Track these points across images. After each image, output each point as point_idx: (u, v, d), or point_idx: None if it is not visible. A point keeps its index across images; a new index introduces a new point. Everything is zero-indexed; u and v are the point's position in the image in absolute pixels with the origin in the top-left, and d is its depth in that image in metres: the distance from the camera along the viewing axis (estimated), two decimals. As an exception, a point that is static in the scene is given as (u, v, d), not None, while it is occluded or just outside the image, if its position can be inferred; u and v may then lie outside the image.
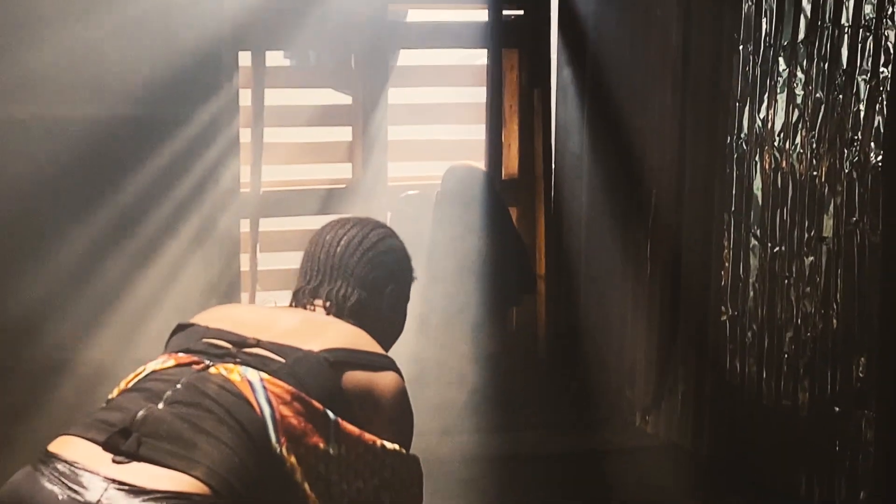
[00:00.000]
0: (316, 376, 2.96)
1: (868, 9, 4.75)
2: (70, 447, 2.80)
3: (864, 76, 4.79)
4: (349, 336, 3.11)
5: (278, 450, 2.83)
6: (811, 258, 5.08)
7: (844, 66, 4.87)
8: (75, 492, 2.69)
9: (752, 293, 5.39)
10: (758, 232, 5.35)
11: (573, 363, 6.44)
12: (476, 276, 5.82)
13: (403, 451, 3.04)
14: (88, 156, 5.61)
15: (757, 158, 5.33)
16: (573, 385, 6.38)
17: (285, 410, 2.87)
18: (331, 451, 2.90)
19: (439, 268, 5.93)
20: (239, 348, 2.98)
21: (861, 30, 4.79)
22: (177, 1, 5.70)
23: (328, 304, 3.22)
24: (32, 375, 5.57)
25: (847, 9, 4.85)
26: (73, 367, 5.61)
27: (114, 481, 2.69)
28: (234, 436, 2.78)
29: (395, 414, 3.07)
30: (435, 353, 5.97)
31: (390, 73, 6.42)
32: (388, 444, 3.00)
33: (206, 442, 2.76)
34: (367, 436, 2.97)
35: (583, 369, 6.39)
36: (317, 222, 6.42)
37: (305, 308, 3.22)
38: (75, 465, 2.74)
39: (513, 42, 6.49)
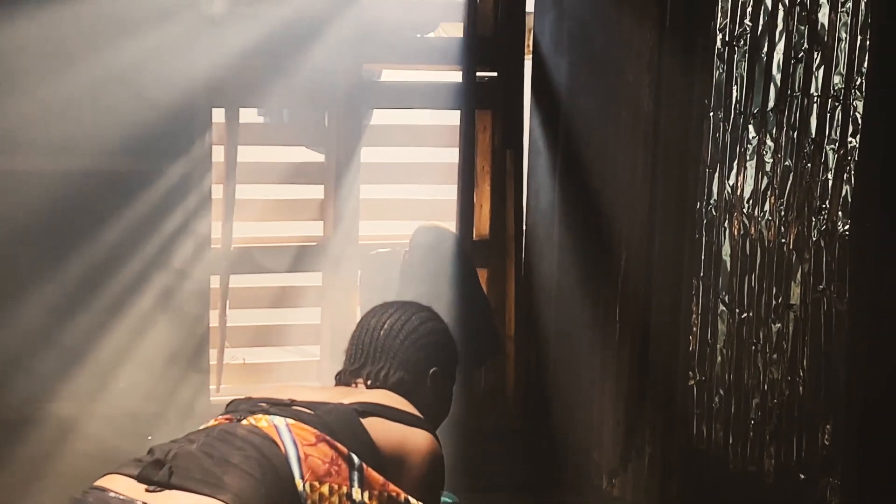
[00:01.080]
0: (344, 424, 3.06)
1: (837, 79, 4.78)
2: (106, 480, 2.91)
3: (832, 145, 4.81)
4: (384, 396, 3.23)
5: (302, 486, 2.91)
6: (778, 325, 5.09)
7: (813, 135, 4.90)
8: None
9: (719, 358, 5.40)
10: (726, 298, 5.36)
11: (541, 425, 6.42)
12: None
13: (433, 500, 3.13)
14: (59, 210, 5.61)
15: (726, 224, 5.34)
16: (541, 446, 6.36)
17: (310, 451, 2.96)
18: (354, 495, 2.98)
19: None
20: (271, 405, 3.11)
21: (830, 99, 4.82)
22: (152, 57, 5.71)
23: (369, 381, 3.33)
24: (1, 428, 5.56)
25: (816, 78, 4.88)
26: (40, 422, 5.60)
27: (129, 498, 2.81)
28: (259, 468, 2.87)
29: (425, 471, 3.16)
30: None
31: (363, 131, 6.44)
32: (413, 500, 3.07)
33: (234, 472, 2.85)
34: (392, 486, 3.04)
35: (551, 431, 6.37)
36: (288, 279, 6.54)
37: (348, 385, 3.36)
38: (109, 491, 2.84)
39: (486, 103, 6.51)
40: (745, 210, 5.24)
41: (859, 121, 4.71)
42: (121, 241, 5.76)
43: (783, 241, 5.06)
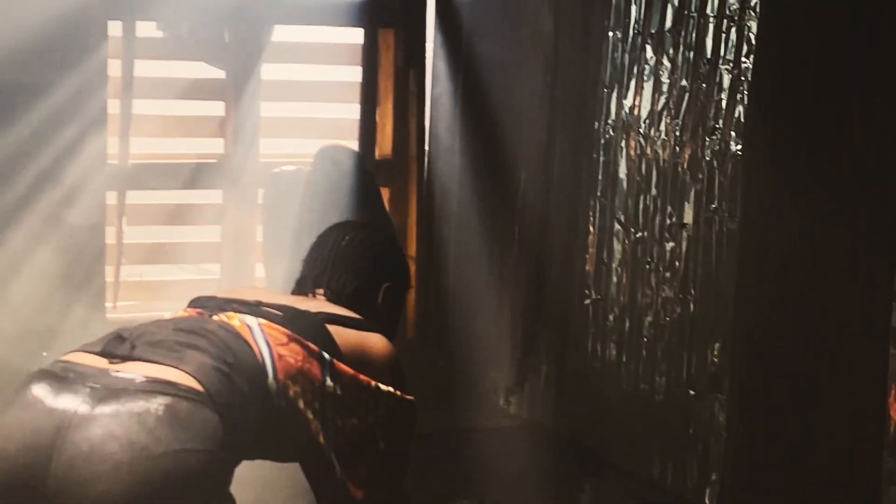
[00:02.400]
0: (310, 328, 3.14)
1: (734, 0, 4.82)
2: (70, 356, 2.92)
3: (727, 66, 4.86)
4: (342, 309, 3.32)
5: (275, 385, 2.97)
6: (672, 244, 5.15)
7: (709, 56, 4.94)
8: (66, 379, 2.78)
9: (614, 278, 5.45)
10: (622, 217, 5.40)
11: (440, 343, 6.46)
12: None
13: (398, 392, 3.20)
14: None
15: (623, 144, 5.38)
16: (440, 365, 6.40)
17: (282, 350, 3.03)
18: (327, 388, 3.06)
19: (306, 247, 5.90)
20: (241, 304, 3.16)
21: (725, 20, 4.86)
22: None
23: (328, 291, 3.43)
24: None
25: (712, -2, 4.93)
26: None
27: (104, 371, 2.81)
28: (224, 359, 2.91)
29: (385, 366, 3.26)
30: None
31: (264, 48, 6.38)
32: (383, 386, 3.18)
33: (198, 353, 2.89)
34: (363, 377, 3.14)
35: (450, 350, 6.41)
36: (186, 197, 6.49)
37: (307, 296, 3.43)
38: (71, 363, 2.85)
39: (389, 22, 6.48)
40: (641, 130, 5.28)
41: (753, 41, 4.75)
42: (13, 155, 5.70)
43: (678, 160, 5.10)
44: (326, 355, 3.10)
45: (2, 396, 5.69)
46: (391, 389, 3.21)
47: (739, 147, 4.82)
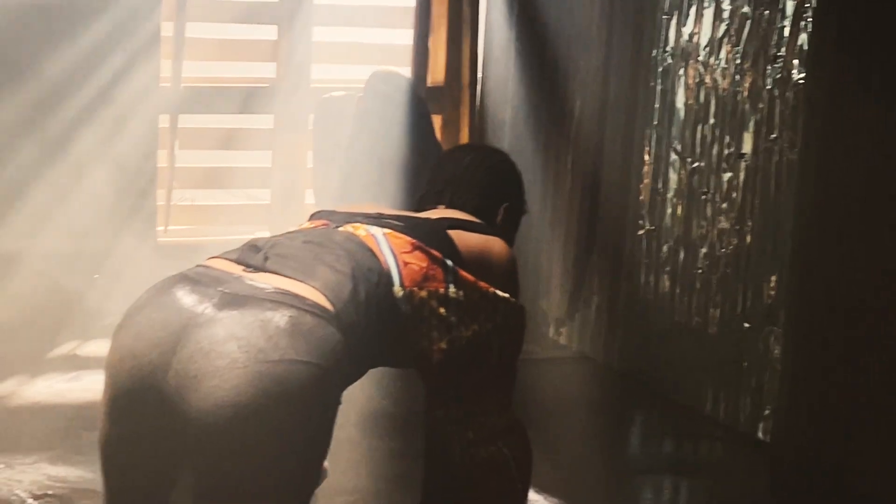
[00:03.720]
0: (433, 235, 3.19)
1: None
2: (209, 262, 3.01)
3: (791, -7, 4.81)
4: (462, 214, 3.37)
5: (402, 292, 3.04)
6: (729, 174, 5.11)
7: (772, -18, 4.89)
8: (200, 283, 2.87)
9: (669, 208, 5.43)
10: (678, 147, 5.38)
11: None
12: (394, 183, 5.81)
13: (513, 299, 3.22)
14: (4, 34, 5.55)
15: (681, 72, 5.34)
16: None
17: (407, 258, 3.08)
18: (450, 294, 3.11)
19: (357, 172, 5.92)
20: (364, 217, 3.22)
21: (790, -54, 4.81)
22: None
23: (443, 207, 3.46)
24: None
25: (777, -76, 4.86)
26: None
27: (238, 278, 2.90)
28: (351, 271, 2.98)
29: (504, 271, 3.27)
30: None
31: (318, -29, 6.39)
32: (500, 292, 3.18)
33: (327, 267, 2.96)
34: (482, 283, 3.17)
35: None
36: (238, 121, 6.48)
37: (431, 209, 3.47)
38: (209, 268, 2.94)
39: (444, -54, 6.45)
40: (700, 58, 5.23)
41: (818, -31, 4.68)
42: (66, 76, 5.71)
43: (738, 89, 5.06)
44: (449, 262, 3.15)
45: (55, 316, 5.75)
46: (507, 295, 3.23)
47: (802, 76, 4.76)
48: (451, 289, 3.13)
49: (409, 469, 3.77)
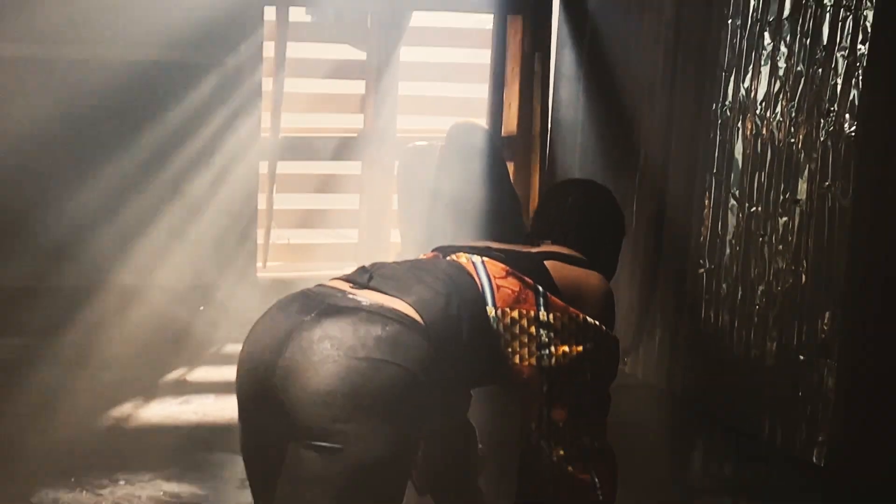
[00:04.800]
0: (529, 264, 3.25)
1: (851, -9, 4.77)
2: (329, 281, 3.16)
3: (842, 52, 4.77)
4: (563, 248, 3.41)
5: (494, 312, 3.11)
6: (785, 218, 5.08)
7: (825, 42, 4.86)
8: (312, 298, 3.00)
9: (728, 249, 5.38)
10: (736, 193, 5.34)
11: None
12: (472, 224, 5.83)
13: (604, 327, 3.23)
14: (123, 96, 5.64)
15: (739, 125, 5.31)
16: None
17: (501, 282, 3.16)
18: (541, 317, 3.14)
19: (439, 215, 5.94)
20: (471, 248, 3.30)
21: (842, 9, 4.78)
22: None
23: (550, 243, 3.49)
24: (71, 294, 5.60)
25: (830, -11, 4.87)
26: (105, 290, 5.66)
27: (343, 293, 3.02)
28: (447, 291, 3.07)
29: (598, 301, 3.29)
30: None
31: (403, 32, 6.44)
32: (590, 319, 3.21)
33: (423, 286, 3.06)
34: (573, 309, 3.20)
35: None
36: (329, 167, 6.55)
37: (535, 244, 3.50)
38: (324, 286, 3.09)
39: (517, 9, 6.48)
40: (757, 112, 5.20)
41: (868, 29, 4.67)
42: (179, 127, 5.78)
43: (792, 140, 5.03)
44: (540, 287, 3.17)
45: (167, 344, 5.78)
46: (597, 323, 3.24)
47: (853, 128, 4.74)
48: (542, 311, 3.17)
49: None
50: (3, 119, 5.49)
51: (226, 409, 4.97)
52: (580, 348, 3.24)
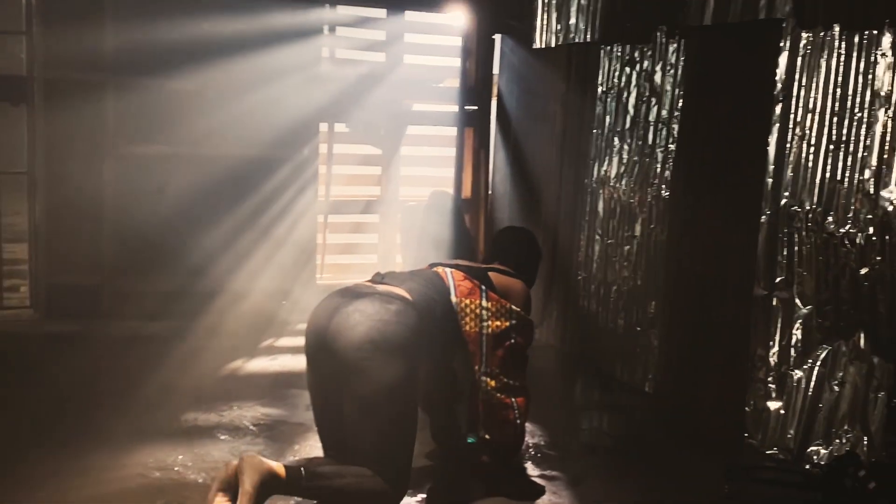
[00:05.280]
0: (478, 273, 3.32)
1: (664, 112, 4.79)
2: (358, 281, 3.20)
3: (660, 149, 4.82)
4: (506, 267, 3.50)
5: (455, 299, 3.18)
6: (627, 247, 5.11)
7: (650, 143, 4.90)
8: (348, 290, 3.03)
9: (595, 265, 5.41)
10: (599, 231, 5.36)
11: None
12: (444, 251, 5.85)
13: (523, 312, 3.31)
14: (237, 176, 5.67)
15: (601, 191, 5.33)
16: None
17: (460, 283, 3.22)
18: (483, 303, 3.21)
19: (424, 245, 5.95)
20: (447, 264, 3.36)
21: (660, 123, 4.83)
22: (289, 93, 5.74)
23: (502, 262, 3.59)
24: (203, 296, 5.61)
25: (652, 112, 4.89)
26: (224, 293, 5.68)
27: (367, 286, 3.04)
28: (428, 285, 3.13)
29: (519, 297, 3.38)
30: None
31: (402, 137, 6.47)
32: (515, 308, 3.29)
33: (414, 282, 3.12)
34: (504, 301, 3.28)
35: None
36: (360, 218, 6.56)
37: (491, 264, 3.56)
38: (357, 283, 3.12)
39: (471, 123, 6.51)
40: (611, 184, 5.24)
41: (675, 135, 4.72)
42: (270, 195, 5.80)
43: (632, 201, 5.06)
44: (483, 286, 3.24)
45: (262, 324, 5.75)
46: (520, 310, 3.31)
47: (667, 193, 4.79)
48: (483, 300, 3.24)
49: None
50: (169, 191, 5.49)
51: (298, 363, 4.98)
52: (507, 323, 3.27)
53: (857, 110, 3.70)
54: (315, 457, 3.00)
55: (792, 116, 3.96)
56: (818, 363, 3.85)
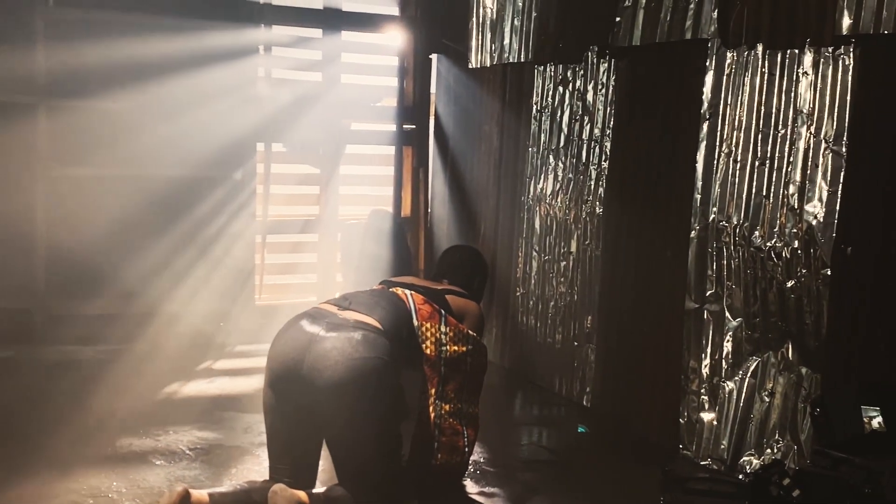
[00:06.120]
0: (436, 297, 3.32)
1: (596, 131, 4.82)
2: (319, 304, 3.18)
3: (594, 166, 4.86)
4: (456, 288, 3.50)
5: (416, 323, 3.18)
6: (564, 262, 5.14)
7: (584, 161, 4.94)
8: (316, 317, 3.02)
9: (532, 281, 5.42)
10: (537, 248, 5.37)
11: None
12: (383, 270, 5.82)
13: (479, 338, 3.33)
14: (168, 196, 5.55)
15: (537, 209, 5.35)
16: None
17: (421, 307, 3.21)
18: (442, 328, 3.22)
19: (364, 264, 5.92)
20: (402, 284, 3.36)
21: (593, 142, 4.87)
22: (226, 113, 5.65)
23: (450, 280, 3.61)
24: (138, 319, 5.49)
25: (585, 130, 4.92)
26: (159, 316, 5.55)
27: (334, 314, 3.03)
28: (394, 310, 3.12)
29: (475, 320, 3.40)
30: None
31: (341, 157, 6.41)
32: (471, 332, 3.30)
33: (381, 308, 3.10)
34: (461, 325, 3.29)
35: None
36: (298, 237, 6.50)
37: (439, 282, 3.59)
38: (319, 308, 3.10)
39: (409, 142, 6.50)
40: (547, 201, 5.26)
41: (608, 153, 4.77)
42: (207, 216, 5.70)
43: (567, 217, 5.09)
44: (443, 311, 3.24)
45: (200, 346, 5.66)
46: (474, 334, 3.32)
47: (601, 210, 4.82)
48: (442, 325, 3.25)
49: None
50: (100, 211, 5.38)
51: (236, 386, 4.89)
52: (464, 349, 3.26)
53: (780, 127, 3.78)
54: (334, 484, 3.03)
55: (719, 134, 4.03)
56: (748, 374, 3.91)
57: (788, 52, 3.73)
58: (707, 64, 4.06)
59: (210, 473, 3.71)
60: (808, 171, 3.65)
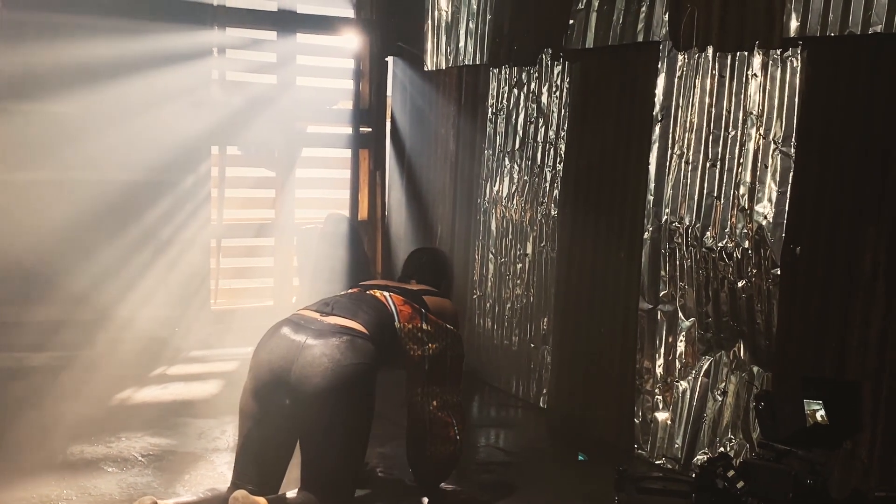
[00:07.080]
0: (415, 297, 3.33)
1: (551, 133, 4.83)
2: (300, 311, 3.18)
3: (549, 168, 4.86)
4: (429, 287, 3.51)
5: (398, 324, 3.20)
6: (520, 265, 5.13)
7: (539, 163, 4.94)
8: (300, 324, 3.04)
9: (489, 283, 5.41)
10: (493, 250, 5.37)
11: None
12: (340, 274, 5.78)
13: (456, 331, 3.38)
14: (120, 200, 5.44)
15: (493, 211, 5.34)
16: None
17: (401, 307, 3.23)
18: (423, 326, 3.25)
19: (321, 267, 5.88)
20: (379, 286, 3.37)
21: (548, 144, 4.88)
22: (178, 116, 5.56)
23: (418, 280, 3.61)
24: (89, 325, 5.37)
25: (540, 132, 4.92)
26: (111, 321, 5.43)
27: (318, 320, 3.05)
28: (375, 314, 3.14)
29: (452, 315, 3.44)
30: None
31: (297, 159, 6.36)
32: (449, 326, 3.35)
33: (364, 312, 3.13)
34: (440, 321, 3.33)
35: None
36: (254, 241, 6.43)
37: (408, 283, 3.59)
38: (301, 315, 3.11)
39: (366, 145, 6.47)
40: (503, 203, 5.26)
41: (562, 155, 4.77)
42: (159, 220, 5.61)
43: (523, 220, 5.09)
44: (423, 310, 3.27)
45: (154, 351, 5.56)
46: (453, 329, 3.37)
47: (556, 212, 4.83)
48: (424, 324, 3.27)
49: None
50: (49, 215, 5.26)
51: (190, 391, 4.82)
52: (444, 344, 3.29)
53: (731, 129, 3.80)
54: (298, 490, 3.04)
55: (671, 136, 4.05)
56: (702, 374, 3.93)
57: (738, 54, 3.76)
58: (659, 66, 4.08)
59: (163, 480, 3.65)
60: (758, 172, 3.68)
